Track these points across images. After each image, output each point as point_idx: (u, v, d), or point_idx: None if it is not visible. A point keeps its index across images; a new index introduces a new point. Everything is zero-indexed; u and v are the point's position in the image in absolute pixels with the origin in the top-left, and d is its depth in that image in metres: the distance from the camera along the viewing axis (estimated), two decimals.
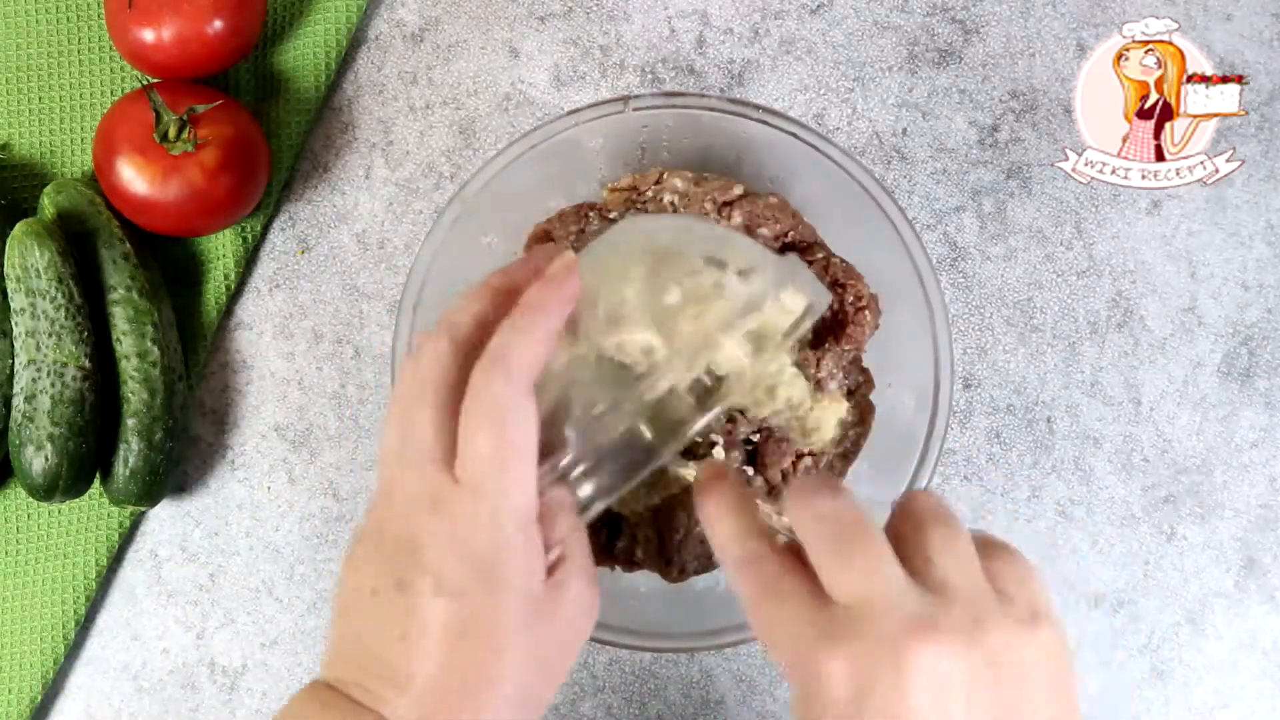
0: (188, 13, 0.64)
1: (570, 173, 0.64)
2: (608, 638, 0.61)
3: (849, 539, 0.43)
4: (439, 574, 0.44)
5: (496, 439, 0.44)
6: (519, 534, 0.44)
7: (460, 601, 0.43)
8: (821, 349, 0.64)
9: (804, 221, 0.65)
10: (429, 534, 0.44)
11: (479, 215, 0.62)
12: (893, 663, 0.40)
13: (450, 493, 0.44)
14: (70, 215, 0.67)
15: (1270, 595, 0.71)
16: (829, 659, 0.41)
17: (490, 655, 0.44)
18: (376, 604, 0.45)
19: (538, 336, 0.45)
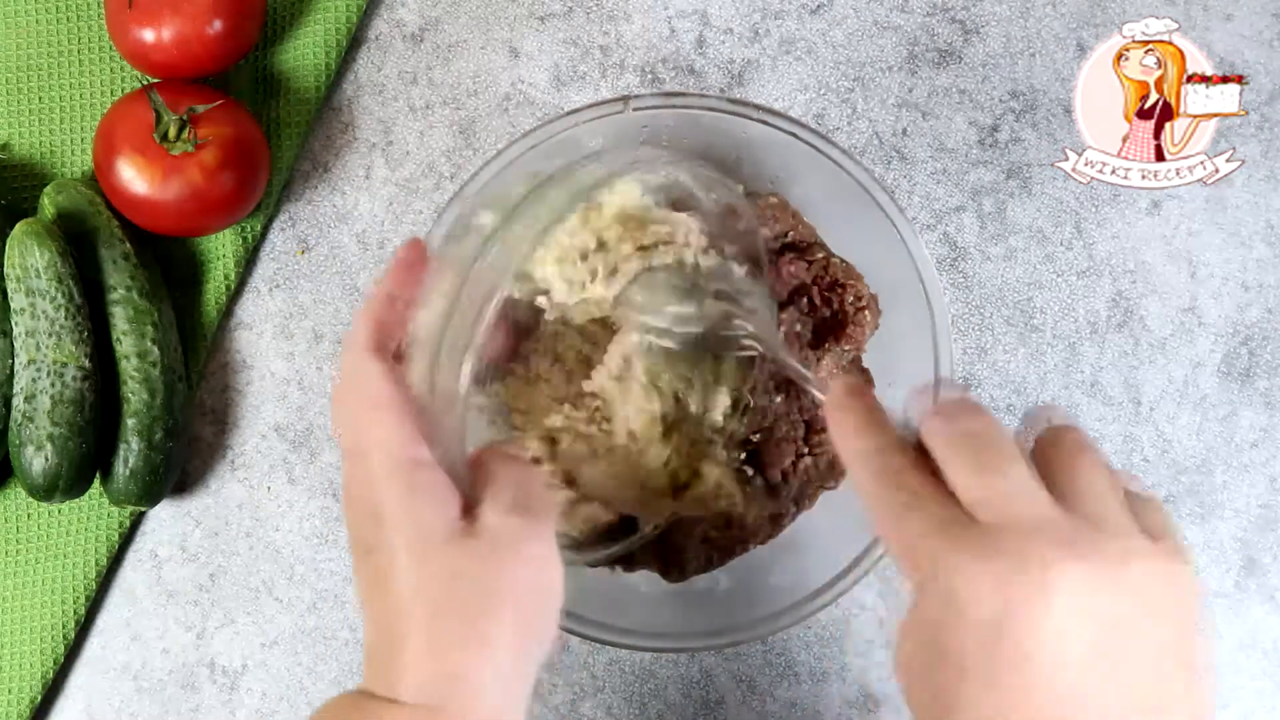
0: (188, 13, 0.64)
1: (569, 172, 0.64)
2: (608, 638, 0.61)
3: (994, 456, 0.42)
4: (363, 541, 0.47)
5: (355, 401, 0.47)
6: (409, 478, 0.46)
7: (388, 556, 0.45)
8: (821, 349, 0.64)
9: (804, 221, 0.65)
10: (355, 516, 0.47)
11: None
12: (1040, 585, 0.39)
13: (354, 471, 0.47)
14: (70, 215, 0.67)
15: (1270, 595, 0.71)
16: (973, 576, 0.40)
17: (438, 601, 0.45)
18: (359, 572, 0.48)
19: (378, 305, 0.48)
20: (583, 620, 0.61)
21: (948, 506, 0.42)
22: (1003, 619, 0.39)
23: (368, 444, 0.46)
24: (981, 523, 0.41)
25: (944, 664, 0.41)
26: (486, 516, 0.46)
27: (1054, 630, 0.39)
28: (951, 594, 0.40)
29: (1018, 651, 0.39)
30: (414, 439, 0.46)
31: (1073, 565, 0.39)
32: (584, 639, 0.62)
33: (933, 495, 0.42)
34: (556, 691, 0.70)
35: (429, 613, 0.45)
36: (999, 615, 0.40)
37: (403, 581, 0.45)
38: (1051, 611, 0.39)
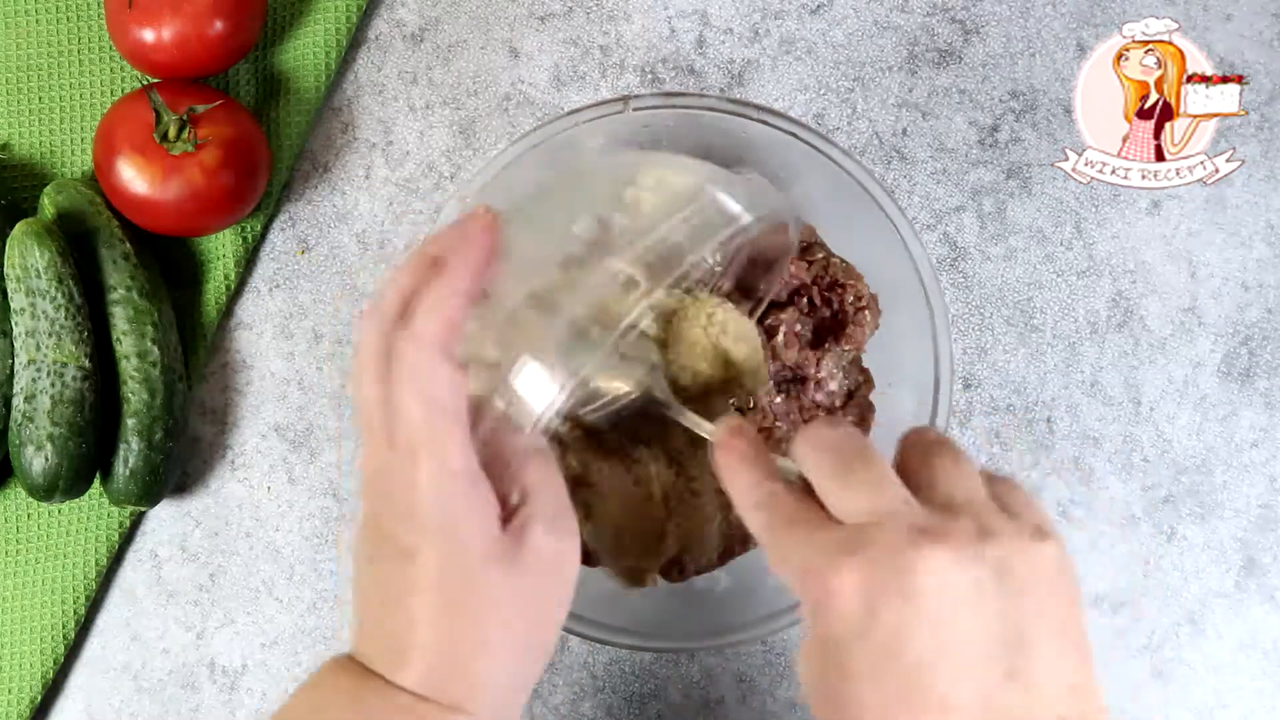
0: (188, 13, 0.64)
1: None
2: (608, 637, 0.61)
3: (850, 460, 0.44)
4: (395, 541, 0.45)
5: (417, 404, 0.45)
6: (457, 490, 0.45)
7: (417, 562, 0.45)
8: (821, 349, 0.64)
9: (804, 222, 0.65)
10: (385, 505, 0.46)
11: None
12: (901, 570, 0.41)
13: (392, 462, 0.46)
14: (70, 215, 0.67)
15: (1270, 595, 0.71)
16: (838, 571, 0.41)
17: (460, 611, 0.45)
18: (367, 574, 0.47)
19: (447, 297, 0.45)
20: (583, 620, 0.61)
21: (818, 519, 0.44)
22: (872, 608, 0.41)
23: (420, 450, 0.45)
24: (845, 525, 0.43)
25: (832, 670, 0.42)
26: (533, 533, 0.47)
27: (923, 614, 0.40)
28: (823, 593, 0.42)
29: (891, 639, 0.41)
30: (468, 452, 0.45)
31: (931, 548, 0.41)
32: (584, 639, 0.62)
33: (807, 514, 0.44)
34: (556, 691, 0.70)
35: (449, 621, 0.45)
36: (868, 605, 0.41)
37: (429, 589, 0.45)
38: (916, 594, 0.40)
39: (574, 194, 0.49)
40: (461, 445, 0.45)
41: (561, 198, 0.50)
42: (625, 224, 0.47)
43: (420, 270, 0.47)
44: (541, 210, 0.50)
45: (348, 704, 0.46)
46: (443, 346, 0.45)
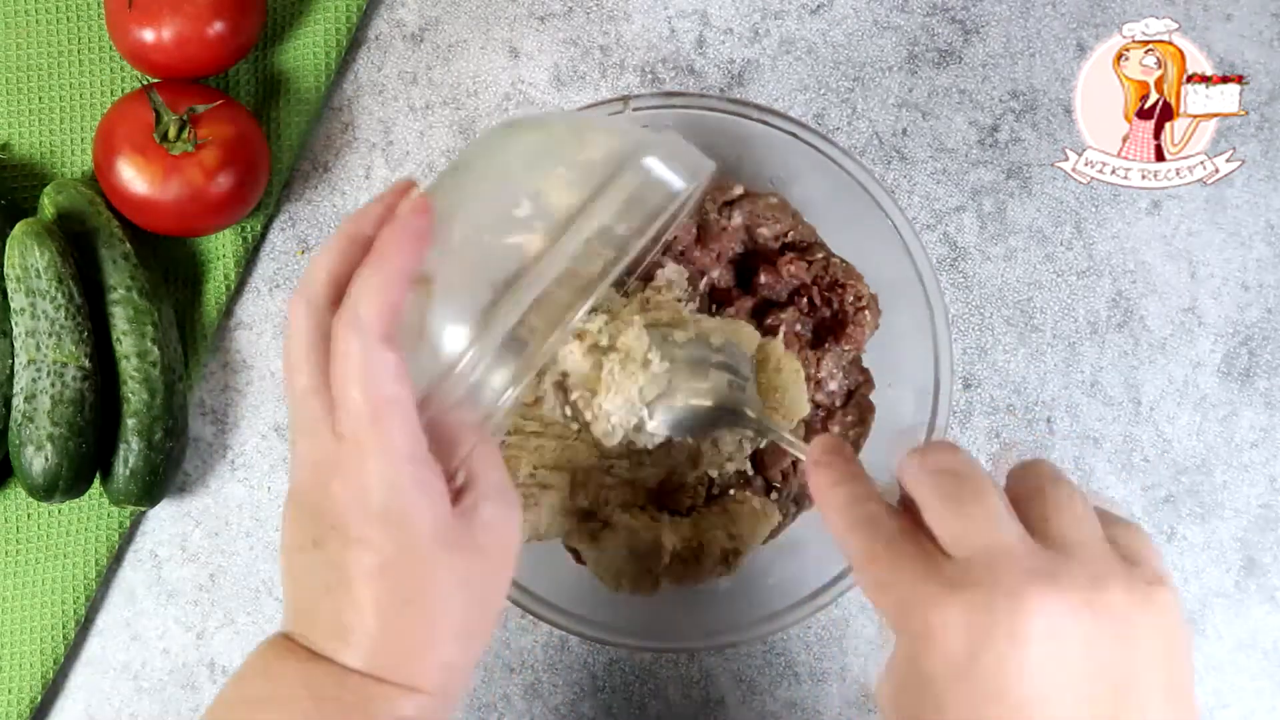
0: (188, 13, 0.64)
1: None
2: (607, 637, 0.61)
3: (967, 490, 0.42)
4: (344, 528, 0.45)
5: (361, 393, 0.44)
6: (406, 476, 0.45)
7: (368, 550, 0.45)
8: (821, 349, 0.64)
9: (804, 221, 0.65)
10: (329, 493, 0.45)
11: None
12: (1010, 613, 0.39)
13: (337, 452, 0.45)
14: (70, 215, 0.67)
15: (1270, 595, 0.71)
16: (945, 608, 0.40)
17: (412, 595, 0.45)
18: (304, 561, 0.47)
19: (387, 283, 0.45)
20: (583, 620, 0.61)
21: (922, 547, 0.42)
22: (976, 650, 0.40)
23: (367, 440, 0.45)
24: (954, 557, 0.41)
25: (923, 701, 0.41)
26: (482, 513, 0.47)
27: (1029, 659, 0.39)
28: (924, 628, 0.41)
29: (993, 682, 0.40)
30: (417, 438, 0.45)
31: (1043, 593, 0.39)
32: (584, 639, 0.62)
33: (908, 537, 0.43)
34: (557, 691, 0.70)
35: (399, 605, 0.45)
36: (972, 646, 0.40)
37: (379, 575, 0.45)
38: (1024, 640, 0.39)
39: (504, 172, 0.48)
40: (409, 433, 0.45)
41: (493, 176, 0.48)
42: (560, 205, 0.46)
43: (347, 250, 0.46)
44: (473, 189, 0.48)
45: (299, 686, 0.46)
46: (384, 333, 0.44)
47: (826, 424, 0.64)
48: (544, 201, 0.46)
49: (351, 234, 0.47)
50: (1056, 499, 0.43)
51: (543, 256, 0.45)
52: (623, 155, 0.47)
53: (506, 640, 0.70)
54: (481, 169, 0.49)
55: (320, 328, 0.46)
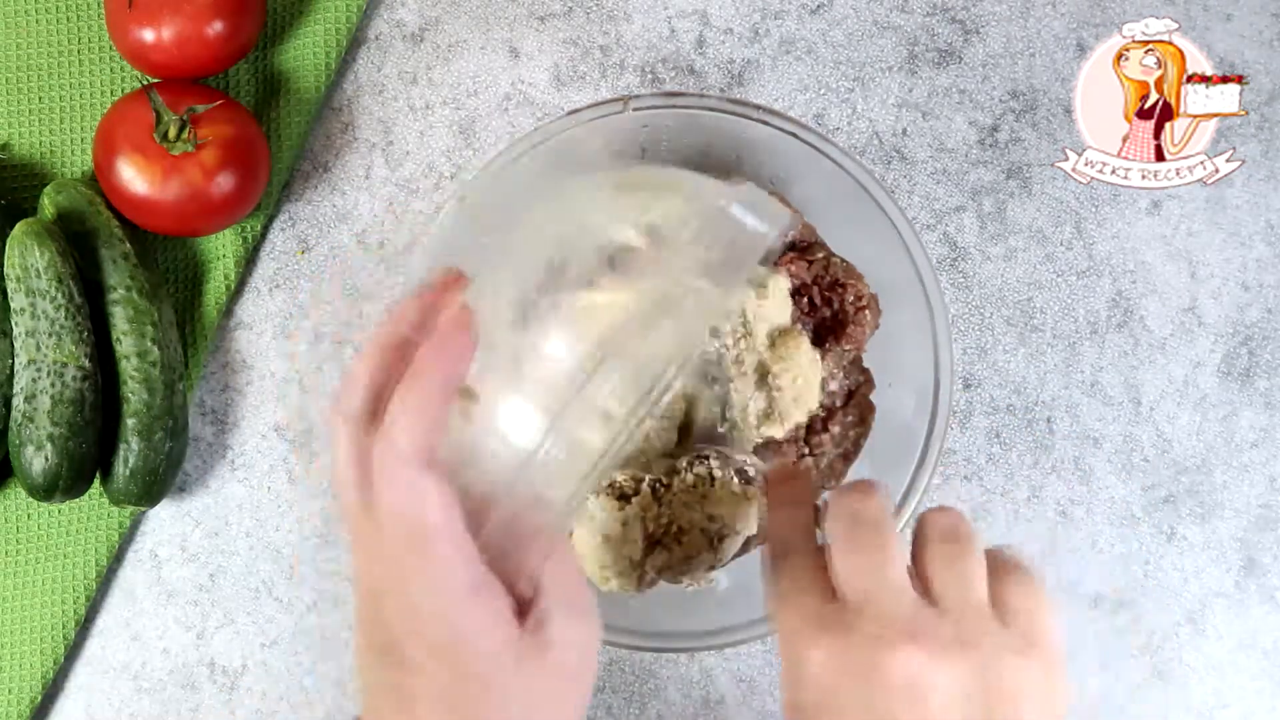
0: (188, 13, 0.64)
1: (570, 173, 0.64)
2: (608, 638, 0.61)
3: (862, 536, 0.44)
4: (400, 651, 0.43)
5: (405, 526, 0.42)
6: (459, 606, 0.42)
7: (425, 677, 0.43)
8: (821, 349, 0.64)
9: (804, 221, 0.65)
10: (384, 613, 0.44)
11: (479, 216, 0.62)
12: (869, 661, 0.42)
13: (386, 575, 0.43)
14: (70, 215, 0.67)
15: (1270, 595, 0.71)
16: (813, 645, 0.43)
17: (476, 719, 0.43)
18: (372, 667, 0.45)
19: (428, 403, 0.42)
20: None
21: (820, 584, 0.45)
22: (837, 688, 0.42)
23: (412, 571, 0.42)
24: (839, 598, 0.44)
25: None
26: (552, 627, 0.44)
27: (884, 704, 0.41)
28: (797, 660, 0.43)
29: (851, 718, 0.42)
30: (468, 560, 0.42)
31: (901, 647, 0.42)
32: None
33: (812, 573, 0.45)
34: None
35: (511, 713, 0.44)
36: (832, 684, 0.42)
37: (438, 701, 0.43)
38: (880, 687, 0.41)
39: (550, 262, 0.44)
40: (458, 558, 0.42)
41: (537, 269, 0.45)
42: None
43: (387, 358, 0.44)
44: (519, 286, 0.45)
45: None
46: (424, 457, 0.42)
47: (827, 424, 0.64)
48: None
49: (389, 341, 0.44)
50: (945, 556, 0.45)
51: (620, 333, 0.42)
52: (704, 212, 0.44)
53: None
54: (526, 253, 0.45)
55: (361, 444, 0.43)
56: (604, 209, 0.46)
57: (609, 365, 0.41)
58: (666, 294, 0.42)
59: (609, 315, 0.42)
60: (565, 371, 0.42)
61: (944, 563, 0.44)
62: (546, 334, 0.43)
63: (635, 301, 0.42)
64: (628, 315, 0.42)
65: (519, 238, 0.46)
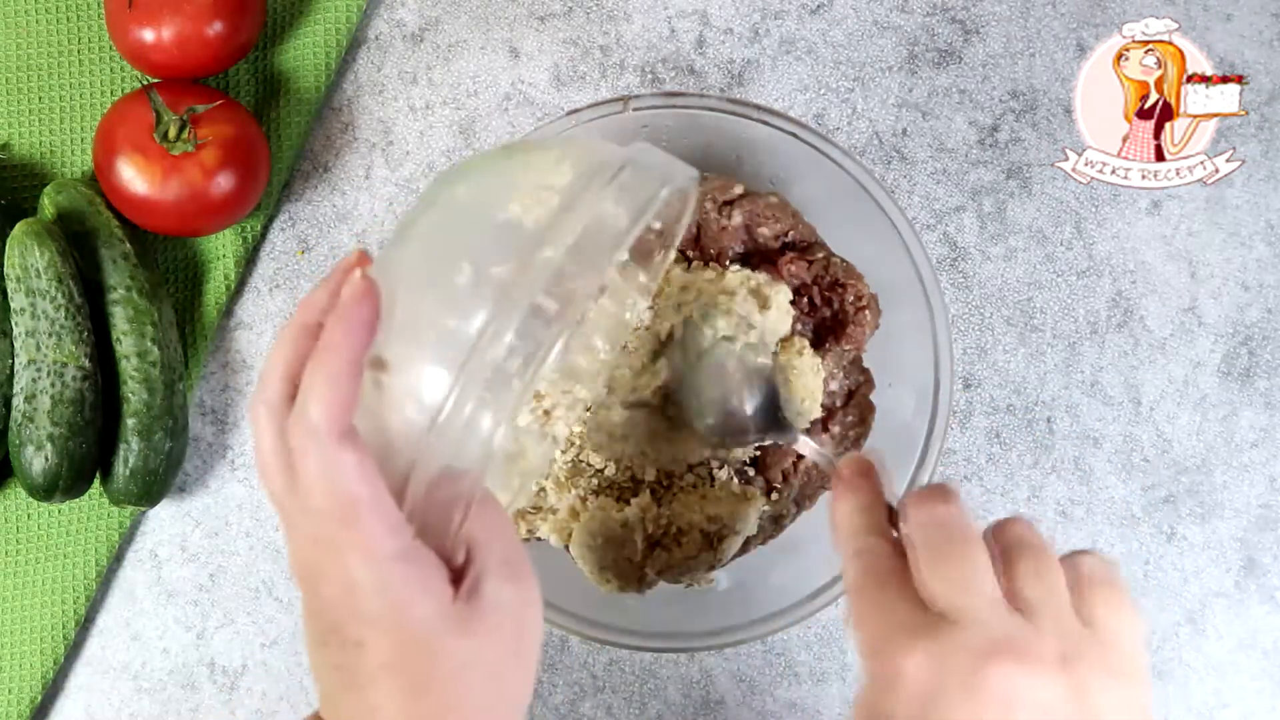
0: (188, 13, 0.64)
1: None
2: (608, 638, 0.61)
3: (952, 547, 0.44)
4: (341, 631, 0.44)
5: (327, 499, 0.42)
6: (393, 575, 0.43)
7: (367, 651, 0.43)
8: (822, 349, 0.64)
9: (804, 221, 0.65)
10: (320, 597, 0.44)
11: None
12: (970, 673, 0.41)
13: (318, 556, 0.44)
14: (70, 215, 0.67)
15: (1270, 595, 0.71)
16: (910, 655, 0.42)
17: (423, 687, 0.44)
18: (317, 657, 0.45)
19: (337, 375, 0.42)
20: (583, 620, 0.61)
21: (907, 592, 0.44)
22: (934, 698, 0.41)
23: (343, 545, 0.43)
24: (930, 609, 0.43)
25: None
26: (486, 589, 0.45)
27: (980, 716, 0.41)
28: (890, 670, 0.42)
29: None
30: (397, 530, 0.43)
31: (1005, 662, 0.41)
32: (584, 639, 0.62)
33: (898, 580, 0.44)
34: (556, 691, 0.70)
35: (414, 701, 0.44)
36: (929, 695, 0.41)
37: (385, 675, 0.43)
38: (978, 698, 0.41)
39: (450, 236, 0.45)
40: (386, 528, 0.42)
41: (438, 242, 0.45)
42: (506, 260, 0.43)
43: (299, 342, 0.44)
44: (421, 260, 0.45)
45: None
46: (339, 431, 0.42)
47: (827, 424, 0.64)
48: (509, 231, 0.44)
49: (302, 324, 0.44)
50: (1032, 566, 0.44)
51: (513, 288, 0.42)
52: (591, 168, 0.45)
53: None
54: (427, 224, 0.46)
55: (281, 429, 0.44)
56: (504, 180, 0.46)
57: (501, 317, 0.42)
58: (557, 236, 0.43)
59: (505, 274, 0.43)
60: (464, 329, 0.42)
61: (1034, 575, 0.44)
62: (447, 297, 0.43)
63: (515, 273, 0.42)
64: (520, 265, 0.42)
65: (427, 213, 0.46)
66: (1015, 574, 0.44)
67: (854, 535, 0.47)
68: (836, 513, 0.48)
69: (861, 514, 0.47)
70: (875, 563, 0.45)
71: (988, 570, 0.43)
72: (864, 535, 0.46)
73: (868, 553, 0.46)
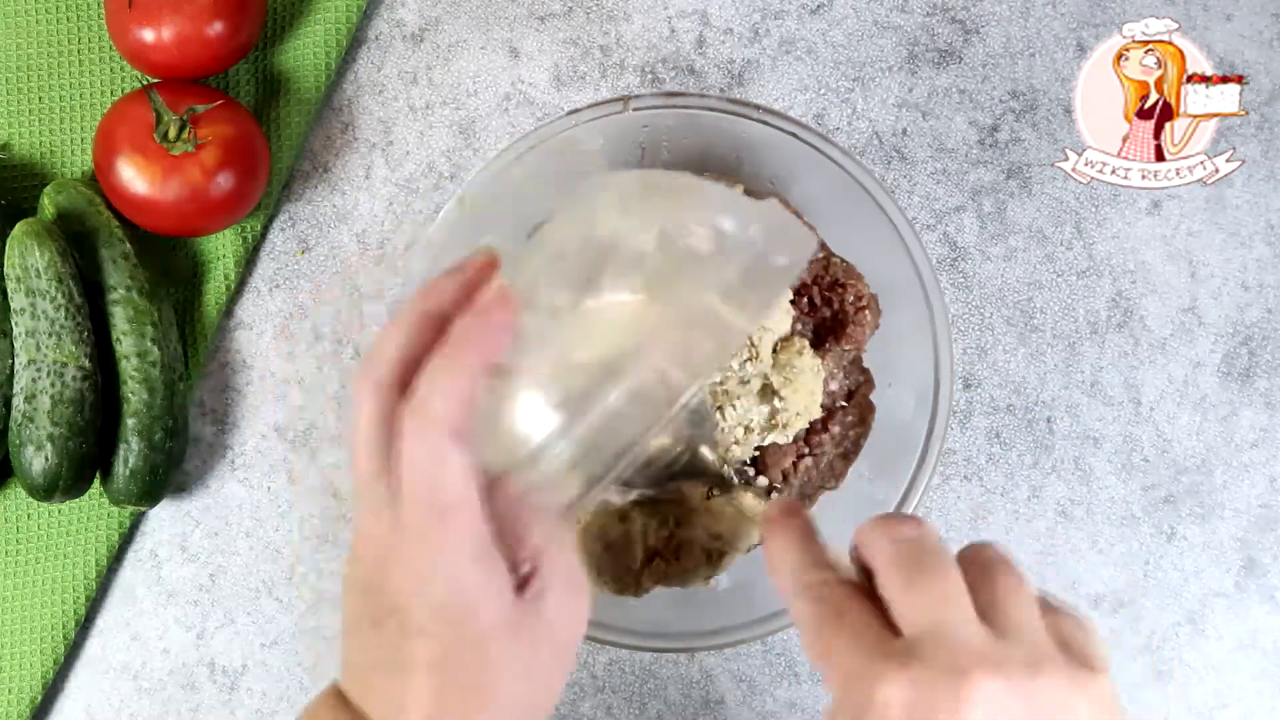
0: (188, 13, 0.64)
1: (570, 173, 0.64)
2: (608, 638, 0.61)
3: (926, 565, 0.43)
4: (404, 617, 0.44)
5: (427, 491, 0.43)
6: (468, 575, 0.44)
7: (428, 641, 0.44)
8: (822, 349, 0.64)
9: (804, 221, 0.65)
10: (389, 579, 0.44)
11: (479, 216, 0.62)
12: (954, 692, 0.40)
13: (398, 541, 0.44)
14: (70, 215, 0.67)
15: (1270, 595, 0.71)
16: (889, 682, 0.41)
17: (471, 684, 0.44)
18: (362, 635, 0.46)
19: (462, 378, 0.43)
20: None
21: (871, 619, 0.43)
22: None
23: (429, 538, 0.43)
24: (903, 632, 0.42)
25: None
26: (547, 602, 0.45)
27: None
28: (868, 702, 0.41)
29: None
30: (480, 535, 0.44)
31: (987, 675, 0.40)
32: (584, 639, 0.62)
33: (858, 608, 0.43)
34: None
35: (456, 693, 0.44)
36: (913, 718, 0.40)
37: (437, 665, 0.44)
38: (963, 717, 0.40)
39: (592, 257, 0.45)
40: (474, 534, 0.43)
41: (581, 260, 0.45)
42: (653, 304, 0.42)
43: (420, 330, 0.44)
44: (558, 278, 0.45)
45: None
46: (454, 426, 0.42)
47: (827, 424, 0.64)
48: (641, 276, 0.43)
49: (425, 312, 0.44)
50: (1006, 585, 0.43)
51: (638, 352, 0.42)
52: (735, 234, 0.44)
53: None
54: (567, 243, 0.45)
55: (386, 410, 0.44)
56: (628, 212, 0.45)
57: (631, 374, 0.41)
58: (692, 308, 0.42)
59: (636, 323, 0.43)
60: (590, 372, 0.42)
61: (1008, 592, 0.43)
62: (577, 331, 0.43)
63: (662, 312, 0.42)
64: (657, 325, 0.42)
65: (544, 234, 0.46)
66: (996, 591, 0.43)
67: (796, 571, 0.46)
68: (773, 554, 0.47)
69: (799, 550, 0.46)
70: (826, 593, 0.44)
71: (964, 589, 0.43)
72: (808, 569, 0.46)
73: (817, 584, 0.45)
